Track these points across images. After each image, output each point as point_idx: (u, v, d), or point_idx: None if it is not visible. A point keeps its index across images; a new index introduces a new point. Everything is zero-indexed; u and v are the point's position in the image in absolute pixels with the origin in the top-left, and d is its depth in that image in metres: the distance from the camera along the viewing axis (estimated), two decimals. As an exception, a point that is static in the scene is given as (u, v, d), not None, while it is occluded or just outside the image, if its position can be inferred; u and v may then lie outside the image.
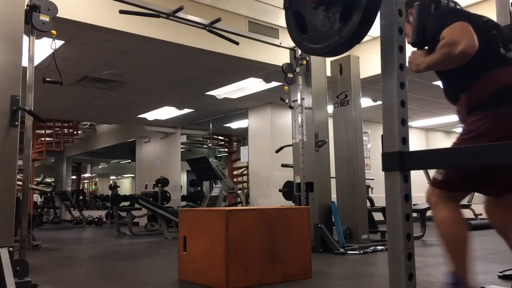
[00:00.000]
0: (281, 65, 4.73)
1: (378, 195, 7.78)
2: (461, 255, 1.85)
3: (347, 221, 4.75)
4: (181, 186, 11.22)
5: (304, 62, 4.68)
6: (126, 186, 21.01)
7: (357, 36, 1.36)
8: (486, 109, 1.77)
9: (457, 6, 2.08)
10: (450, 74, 1.85)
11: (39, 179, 13.75)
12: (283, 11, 1.62)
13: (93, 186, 19.95)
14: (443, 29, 1.74)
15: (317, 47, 1.47)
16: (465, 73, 1.80)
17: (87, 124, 12.28)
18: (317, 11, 1.47)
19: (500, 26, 2.02)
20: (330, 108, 4.97)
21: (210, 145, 12.75)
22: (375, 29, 1.25)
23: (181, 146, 10.86)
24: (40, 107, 7.94)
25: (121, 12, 3.39)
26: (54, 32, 2.87)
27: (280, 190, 6.63)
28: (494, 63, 1.80)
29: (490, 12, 2.25)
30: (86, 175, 20.86)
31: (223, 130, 11.36)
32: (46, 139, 11.28)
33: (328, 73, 5.00)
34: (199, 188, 12.50)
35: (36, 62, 2.86)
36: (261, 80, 6.66)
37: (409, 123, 1.18)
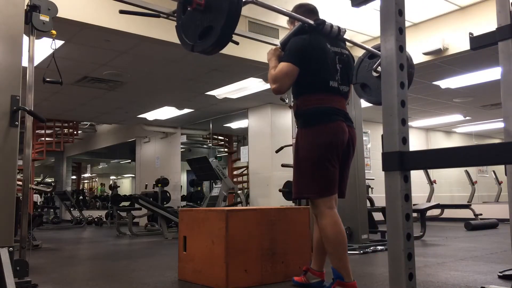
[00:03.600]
0: (281, 65, 4.73)
1: (378, 195, 7.79)
2: (342, 254, 2.27)
3: (347, 221, 4.74)
4: (181, 186, 11.22)
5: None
6: (126, 186, 21.02)
7: (204, 52, 1.83)
8: (308, 124, 2.39)
9: (340, 32, 2.50)
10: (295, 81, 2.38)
11: (39, 179, 13.76)
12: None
13: (100, 187, 19.83)
14: (283, 58, 2.36)
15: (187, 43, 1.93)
16: (297, 87, 2.42)
17: (87, 124, 12.28)
18: (193, 15, 1.88)
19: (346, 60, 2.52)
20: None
21: (210, 145, 12.75)
22: (375, 29, 1.25)
23: (181, 146, 10.86)
24: (40, 107, 7.99)
25: (121, 12, 3.38)
26: (54, 32, 2.87)
27: (280, 190, 6.63)
28: (316, 88, 2.37)
29: (490, 12, 2.25)
30: (86, 175, 20.87)
31: (223, 130, 11.37)
32: (46, 139, 11.28)
33: (328, 73, 5.00)
34: (199, 188, 12.51)
35: (36, 62, 2.86)
36: (261, 80, 6.67)
37: (409, 123, 1.18)
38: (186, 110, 8.84)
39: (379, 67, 2.93)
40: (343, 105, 2.48)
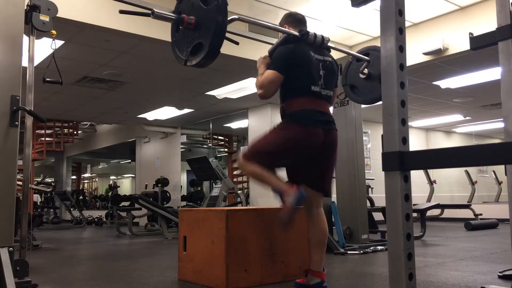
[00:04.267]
0: (281, 65, 4.73)
1: (378, 195, 7.79)
2: (268, 179, 2.51)
3: (347, 221, 4.75)
4: (181, 186, 11.22)
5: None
6: (126, 186, 21.02)
7: (197, 66, 2.05)
8: (288, 121, 2.57)
9: (324, 41, 2.69)
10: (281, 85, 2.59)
11: (39, 179, 13.76)
12: (283, 11, 1.72)
13: (107, 188, 19.63)
14: (270, 66, 2.57)
15: (180, 58, 2.15)
16: (283, 92, 2.62)
17: (87, 124, 12.28)
18: (185, 33, 2.10)
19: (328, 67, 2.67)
20: (330, 108, 4.97)
21: (210, 145, 12.75)
22: (375, 29, 1.26)
23: (181, 146, 10.86)
24: (40, 107, 7.99)
25: (121, 12, 3.38)
26: (54, 32, 2.87)
27: (280, 190, 6.62)
28: (300, 93, 2.56)
29: (490, 12, 2.25)
30: (86, 175, 20.86)
31: (223, 130, 11.36)
32: (46, 139, 11.28)
33: (328, 73, 4.99)
34: (199, 188, 12.50)
35: (36, 62, 2.86)
36: (261, 80, 6.66)
37: (409, 123, 1.18)
38: (186, 110, 8.84)
39: (365, 69, 3.03)
40: (325, 108, 2.65)
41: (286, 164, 2.67)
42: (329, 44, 2.79)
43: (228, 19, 2.04)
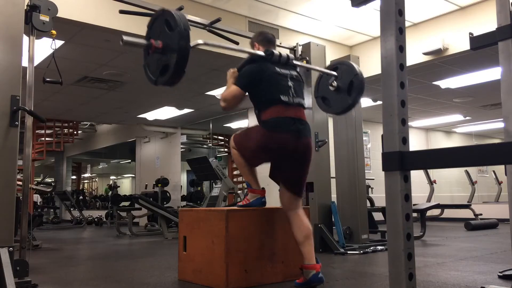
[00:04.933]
0: (281, 65, 4.73)
1: (378, 195, 7.79)
2: (246, 171, 2.87)
3: (347, 221, 4.75)
4: (181, 186, 11.22)
5: (304, 62, 4.68)
6: (126, 186, 21.02)
7: (166, 84, 2.30)
8: (262, 127, 2.79)
9: (289, 59, 2.88)
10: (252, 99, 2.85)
11: (39, 179, 13.76)
12: (283, 11, 1.73)
13: (106, 188, 19.57)
14: (235, 82, 2.76)
15: (151, 78, 2.38)
16: (257, 105, 2.84)
17: (87, 124, 12.28)
18: (154, 56, 2.34)
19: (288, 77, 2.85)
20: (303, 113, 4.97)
21: (210, 145, 12.75)
22: (375, 29, 1.26)
23: (181, 146, 10.86)
24: (40, 107, 7.99)
25: (121, 12, 3.38)
26: (54, 32, 2.88)
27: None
28: (270, 103, 2.74)
29: (490, 12, 2.25)
30: (86, 175, 20.87)
31: (223, 130, 11.37)
32: (46, 139, 11.28)
33: (328, 73, 4.99)
34: (199, 188, 12.50)
35: (36, 62, 2.86)
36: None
37: (409, 123, 1.18)
38: (186, 110, 8.84)
39: (334, 82, 3.26)
40: (298, 114, 2.79)
41: (265, 161, 2.88)
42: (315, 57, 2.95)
43: (192, 44, 2.33)
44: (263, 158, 2.85)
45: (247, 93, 2.82)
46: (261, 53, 2.82)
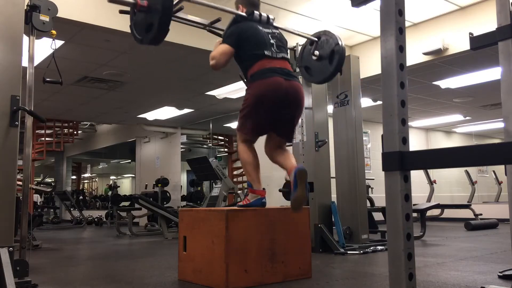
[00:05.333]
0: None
1: (378, 195, 7.79)
2: (249, 170, 2.91)
3: (347, 221, 4.74)
4: (181, 186, 11.22)
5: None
6: (126, 186, 21.02)
7: (152, 42, 2.51)
8: (250, 83, 2.87)
9: (270, 19, 3.06)
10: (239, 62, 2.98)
11: (39, 179, 13.76)
12: (283, 11, 1.75)
13: (106, 188, 19.54)
14: (223, 41, 2.92)
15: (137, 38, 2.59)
16: (243, 64, 2.96)
17: (87, 124, 12.28)
18: (140, 16, 2.49)
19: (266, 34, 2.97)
20: (330, 108, 4.97)
21: (210, 145, 12.75)
22: (375, 29, 1.26)
23: (181, 146, 10.86)
24: (40, 107, 7.99)
25: (121, 12, 3.38)
26: (54, 32, 2.87)
27: (280, 190, 6.62)
28: (255, 58, 2.85)
29: (490, 12, 2.25)
30: (86, 175, 20.86)
31: (223, 130, 11.37)
32: (46, 139, 11.28)
33: (328, 73, 4.99)
34: (199, 188, 12.50)
35: (36, 62, 2.86)
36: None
37: (409, 123, 1.18)
38: (186, 110, 8.84)
39: (315, 50, 3.38)
40: (283, 64, 2.90)
41: (266, 119, 2.88)
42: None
43: (175, 1, 2.49)
44: (263, 112, 2.83)
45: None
46: (242, 13, 3.00)
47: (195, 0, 3.09)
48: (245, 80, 3.00)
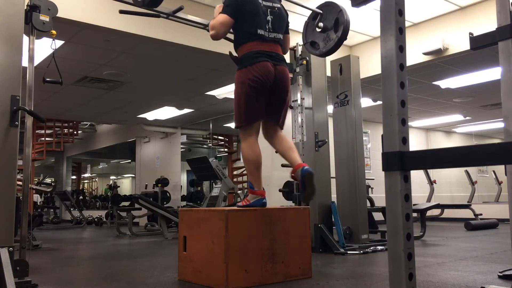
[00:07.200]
0: (281, 65, 4.73)
1: (378, 195, 7.79)
2: (251, 170, 2.91)
3: (347, 221, 4.75)
4: (181, 186, 11.22)
5: (304, 62, 4.68)
6: (126, 186, 21.02)
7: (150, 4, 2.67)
8: (239, 68, 2.91)
9: None
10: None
11: (39, 179, 13.76)
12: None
13: (106, 188, 19.57)
14: (223, 10, 2.86)
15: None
16: (235, 39, 2.98)
17: (87, 124, 12.28)
18: None
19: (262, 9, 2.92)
20: (330, 108, 4.97)
21: (210, 145, 12.75)
22: (375, 29, 1.26)
23: (181, 146, 10.86)
24: (40, 107, 7.99)
25: (121, 12, 3.38)
26: (54, 32, 2.87)
27: (280, 190, 6.63)
28: (247, 37, 2.86)
29: (490, 12, 2.25)
30: (86, 175, 20.86)
31: (223, 130, 11.37)
32: (46, 139, 11.28)
33: (328, 73, 5.00)
34: (199, 188, 12.50)
35: (36, 62, 2.86)
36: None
37: (409, 123, 1.18)
38: (186, 110, 8.84)
39: (320, 23, 3.40)
40: (274, 48, 2.90)
41: (262, 105, 2.90)
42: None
43: None
44: (257, 97, 2.85)
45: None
46: None
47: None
48: (234, 57, 2.98)
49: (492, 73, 6.34)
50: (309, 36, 3.61)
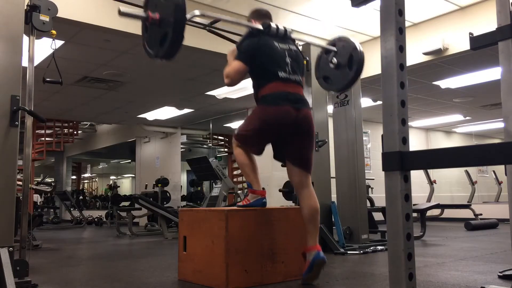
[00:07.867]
0: (281, 65, 4.73)
1: (378, 195, 7.79)
2: (248, 172, 2.89)
3: (347, 221, 4.74)
4: (181, 186, 11.22)
5: (304, 62, 4.66)
6: (126, 186, 21.02)
7: (166, 56, 2.34)
8: (260, 104, 2.83)
9: (287, 32, 2.94)
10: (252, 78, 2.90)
11: (39, 179, 13.76)
12: (283, 11, 1.73)
13: (105, 188, 19.58)
14: (236, 57, 2.80)
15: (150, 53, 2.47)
16: (254, 81, 2.89)
17: (87, 124, 12.28)
18: (152, 30, 2.40)
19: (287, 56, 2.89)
20: (330, 108, 4.97)
21: (210, 145, 12.75)
22: (375, 29, 1.26)
23: (181, 146, 10.86)
24: (40, 107, 7.99)
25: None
26: (54, 32, 2.87)
27: (280, 190, 6.63)
28: (268, 79, 2.79)
29: (490, 12, 2.25)
30: (86, 175, 20.86)
31: (223, 130, 11.36)
32: (46, 139, 11.28)
33: (328, 73, 4.99)
34: (199, 188, 12.50)
35: (36, 62, 2.86)
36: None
37: (409, 123, 1.18)
38: (186, 110, 8.84)
39: (333, 58, 3.33)
40: (296, 89, 2.84)
41: (269, 143, 2.91)
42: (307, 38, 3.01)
43: (188, 16, 2.37)
44: (267, 137, 2.85)
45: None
46: (258, 26, 2.87)
47: (209, 15, 3.01)
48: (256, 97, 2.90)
49: (492, 73, 6.33)
50: (322, 70, 3.50)
